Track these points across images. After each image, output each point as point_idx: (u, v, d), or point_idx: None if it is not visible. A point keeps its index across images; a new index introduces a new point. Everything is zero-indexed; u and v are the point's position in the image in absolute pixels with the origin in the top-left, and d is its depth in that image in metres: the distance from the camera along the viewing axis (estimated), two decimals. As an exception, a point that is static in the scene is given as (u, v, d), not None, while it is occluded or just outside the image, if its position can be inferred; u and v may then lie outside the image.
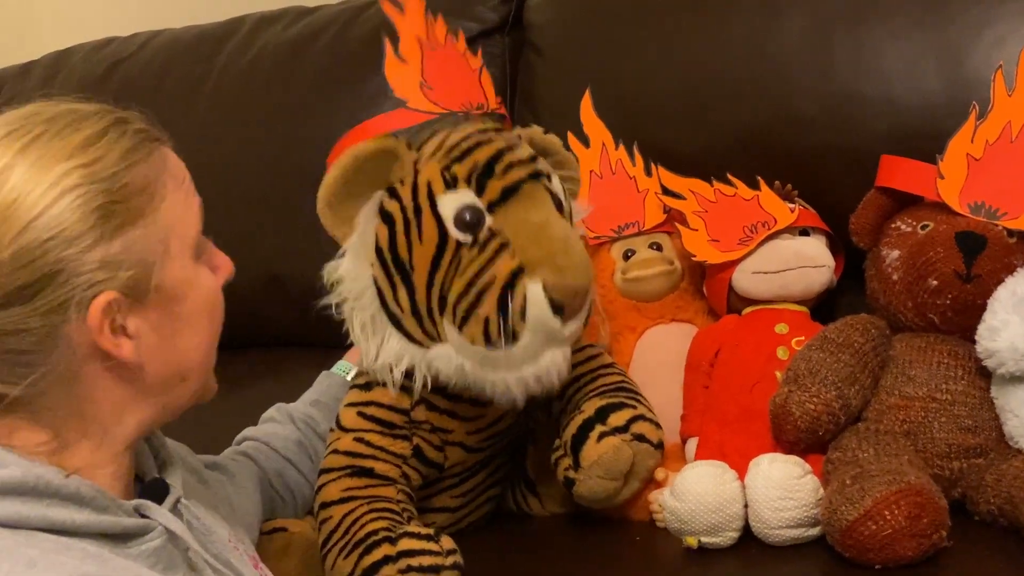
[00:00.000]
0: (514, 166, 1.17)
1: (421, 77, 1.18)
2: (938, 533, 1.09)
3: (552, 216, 1.17)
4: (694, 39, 1.52)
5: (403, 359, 1.21)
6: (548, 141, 1.28)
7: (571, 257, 1.14)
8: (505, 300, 1.13)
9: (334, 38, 1.79)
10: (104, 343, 0.90)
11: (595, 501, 1.26)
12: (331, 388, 1.38)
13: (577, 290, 1.14)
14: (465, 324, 1.15)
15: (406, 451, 1.26)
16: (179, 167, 0.97)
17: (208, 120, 1.84)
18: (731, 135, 1.49)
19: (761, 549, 1.18)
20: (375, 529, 1.17)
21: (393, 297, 1.19)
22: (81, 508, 0.88)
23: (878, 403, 1.24)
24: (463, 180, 1.16)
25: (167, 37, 1.99)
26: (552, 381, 1.18)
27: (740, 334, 1.36)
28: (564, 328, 1.15)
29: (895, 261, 1.28)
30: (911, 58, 1.39)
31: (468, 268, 1.15)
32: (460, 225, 1.15)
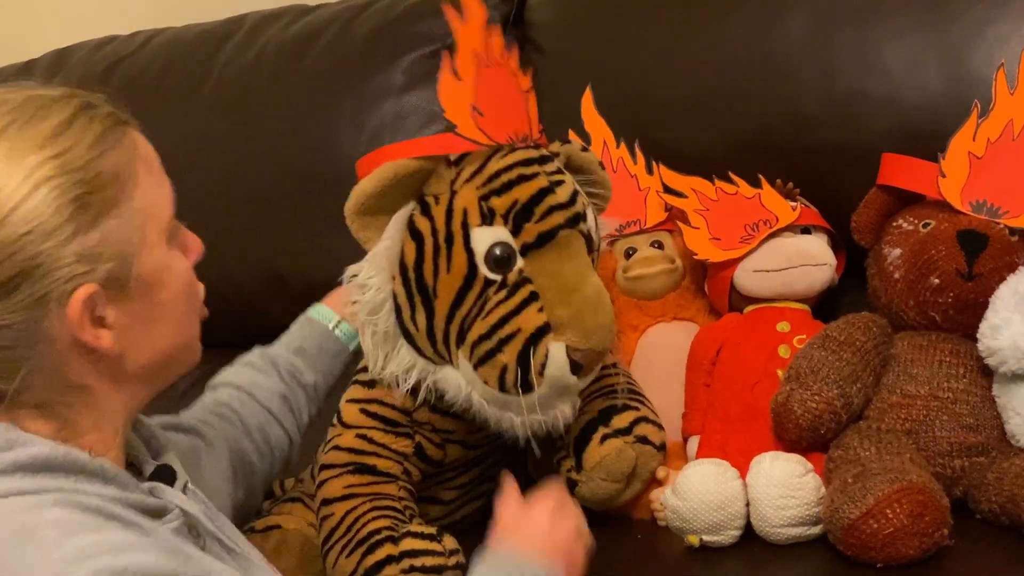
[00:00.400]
0: (554, 211, 1.14)
1: (474, 99, 1.14)
2: (940, 532, 1.09)
3: (586, 269, 1.15)
4: (696, 37, 1.52)
5: (412, 372, 1.20)
6: (585, 159, 1.25)
7: (599, 319, 1.12)
8: (527, 354, 1.12)
9: (335, 37, 1.78)
10: (84, 336, 0.89)
11: (597, 502, 1.26)
12: (314, 337, 1.34)
13: (601, 353, 1.14)
14: (482, 365, 1.14)
15: (408, 449, 1.26)
16: (149, 151, 0.96)
17: (209, 119, 1.83)
18: (733, 133, 1.48)
19: (763, 548, 1.18)
20: (378, 528, 1.17)
21: (411, 316, 1.18)
22: (107, 484, 0.89)
23: (880, 401, 1.24)
24: (500, 216, 1.14)
25: (168, 36, 1.98)
26: (558, 428, 1.18)
27: (742, 332, 1.36)
28: (579, 384, 1.15)
29: (897, 259, 1.28)
30: (913, 57, 1.39)
31: (493, 312, 1.13)
32: (491, 262, 1.13)
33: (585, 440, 1.24)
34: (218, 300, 1.37)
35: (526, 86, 1.22)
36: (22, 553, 0.80)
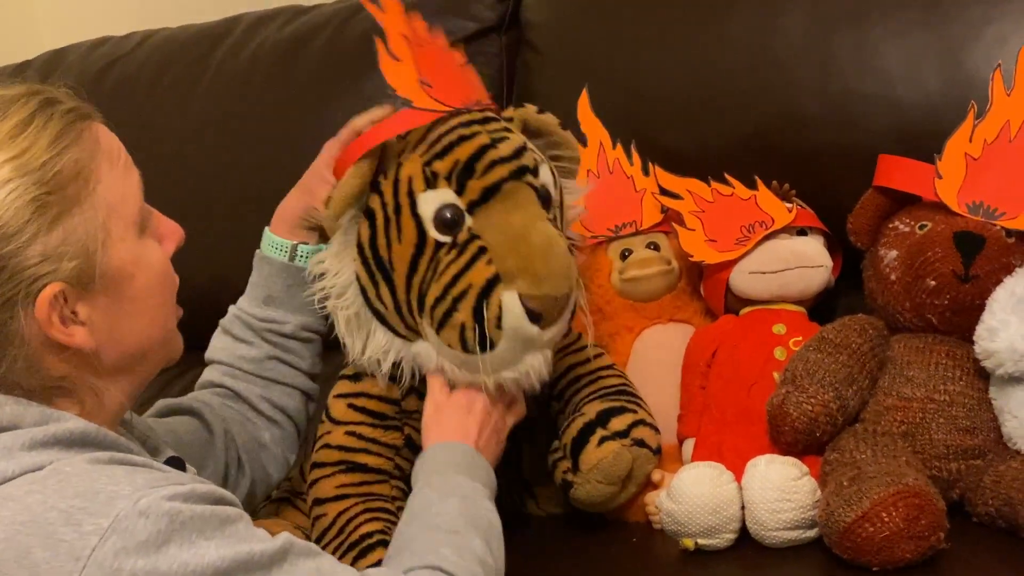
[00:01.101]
0: (496, 164, 1.15)
1: (419, 75, 1.16)
2: (936, 535, 1.08)
3: (534, 219, 1.14)
4: (693, 37, 1.52)
5: (389, 353, 1.20)
6: (542, 121, 1.26)
7: (550, 265, 1.12)
8: (481, 308, 1.12)
9: (330, 37, 1.78)
10: (55, 334, 0.90)
11: (592, 505, 1.25)
12: (275, 277, 1.29)
13: (556, 299, 1.13)
14: (442, 328, 1.14)
15: (398, 441, 1.25)
16: (112, 143, 0.96)
17: (204, 119, 1.83)
18: (730, 134, 1.48)
19: (758, 551, 1.18)
20: (370, 532, 1.17)
21: (376, 295, 1.19)
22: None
23: (876, 404, 1.24)
24: (443, 178, 1.15)
25: (163, 36, 1.98)
26: (532, 384, 1.18)
27: (738, 334, 1.35)
28: (543, 334, 1.14)
29: (893, 261, 1.28)
30: (911, 57, 1.39)
31: (445, 272, 1.14)
32: (439, 225, 1.14)
33: (582, 442, 1.23)
34: (210, 301, 1.38)
35: (461, 60, 1.24)
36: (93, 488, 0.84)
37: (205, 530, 0.85)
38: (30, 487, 0.85)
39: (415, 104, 1.15)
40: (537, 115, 1.26)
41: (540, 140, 1.25)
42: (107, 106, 1.81)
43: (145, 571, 0.82)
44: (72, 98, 0.95)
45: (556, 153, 1.26)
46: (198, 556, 0.84)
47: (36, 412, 0.91)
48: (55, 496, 0.84)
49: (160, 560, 0.83)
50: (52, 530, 0.82)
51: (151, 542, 0.83)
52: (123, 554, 0.82)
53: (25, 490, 0.85)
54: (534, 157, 1.18)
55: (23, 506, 0.84)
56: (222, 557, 0.85)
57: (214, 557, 0.85)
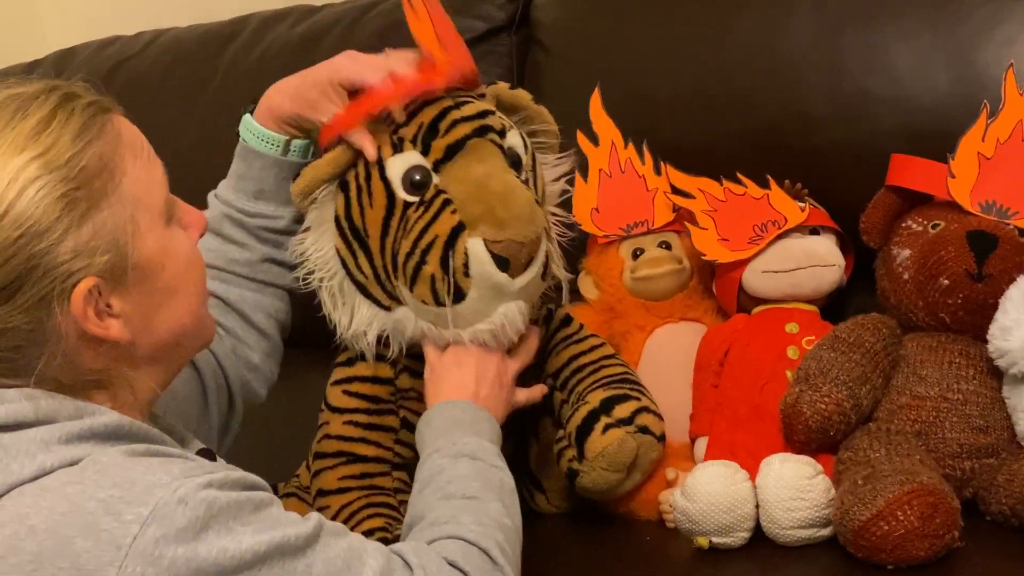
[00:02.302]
0: (459, 123, 1.18)
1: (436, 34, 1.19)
2: (951, 533, 1.09)
3: (496, 169, 1.16)
4: (704, 37, 1.52)
5: (373, 325, 1.22)
6: (515, 97, 1.28)
7: (512, 209, 1.14)
8: (447, 257, 1.14)
9: (339, 37, 1.78)
10: (92, 328, 0.91)
11: (598, 492, 1.26)
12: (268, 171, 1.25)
13: (521, 243, 1.14)
14: (415, 284, 1.16)
15: (395, 424, 1.26)
16: (134, 135, 0.96)
17: (212, 119, 1.82)
18: (741, 134, 1.48)
19: (772, 549, 1.18)
20: (372, 528, 1.18)
21: (355, 265, 1.21)
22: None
23: (889, 403, 1.24)
24: (408, 142, 1.17)
25: (172, 36, 1.99)
26: (508, 336, 1.19)
27: (750, 333, 1.35)
28: (513, 282, 1.15)
29: (906, 260, 1.28)
30: (921, 57, 1.39)
31: (414, 227, 1.16)
32: (407, 187, 1.17)
33: (587, 430, 1.24)
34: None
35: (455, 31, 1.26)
36: (130, 479, 0.85)
37: (241, 516, 0.87)
38: (68, 479, 0.86)
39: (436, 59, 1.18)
40: (509, 91, 1.28)
41: (515, 116, 1.27)
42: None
43: (185, 558, 0.83)
44: (90, 92, 0.95)
45: (533, 128, 1.28)
46: (236, 541, 0.86)
47: (71, 406, 0.91)
48: (94, 487, 0.85)
49: (200, 547, 0.84)
50: (93, 520, 0.83)
51: (190, 529, 0.84)
52: (163, 542, 0.83)
53: (63, 481, 0.86)
54: (501, 122, 1.21)
55: (62, 496, 0.85)
56: (259, 542, 0.87)
57: (251, 542, 0.86)
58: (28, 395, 0.91)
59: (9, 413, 0.89)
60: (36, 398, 0.91)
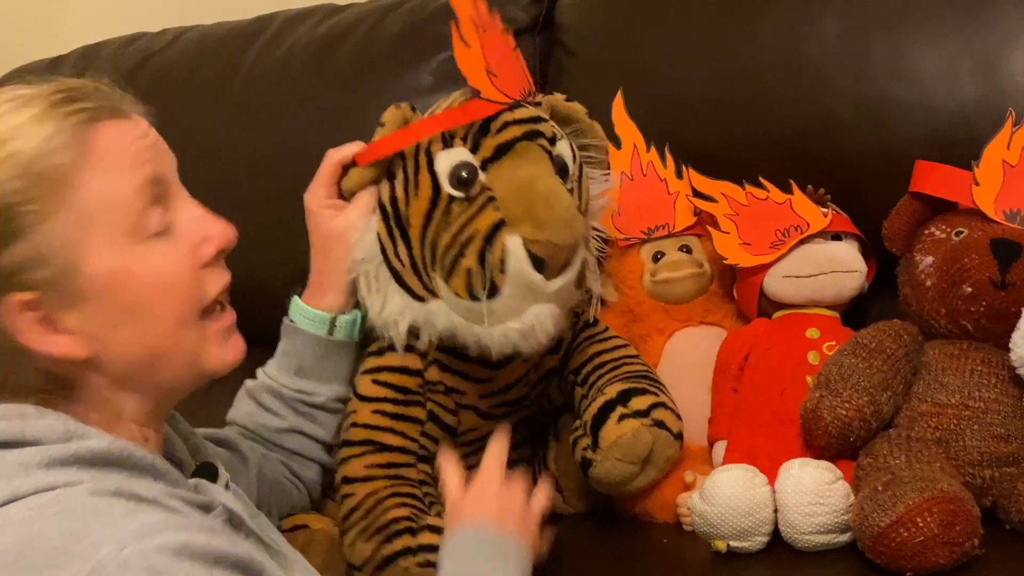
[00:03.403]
0: (510, 124, 1.19)
1: (486, 63, 1.19)
2: (970, 541, 1.09)
3: (542, 172, 1.17)
4: (728, 41, 1.52)
5: (405, 315, 1.22)
6: (570, 108, 1.28)
7: (553, 212, 1.14)
8: (485, 252, 1.14)
9: (363, 36, 1.78)
10: (32, 343, 0.88)
11: (611, 485, 1.25)
12: (309, 348, 1.26)
13: (558, 245, 1.14)
14: (451, 276, 1.16)
15: (421, 416, 1.26)
16: (115, 146, 0.91)
17: (236, 116, 1.84)
18: (763, 138, 1.48)
19: (790, 554, 1.18)
20: (397, 517, 1.18)
21: (394, 252, 1.21)
22: (157, 481, 0.90)
23: (910, 410, 1.24)
24: (459, 138, 1.18)
25: (196, 33, 1.99)
26: (537, 338, 1.18)
27: (771, 338, 1.35)
28: (548, 284, 1.15)
29: (928, 267, 1.28)
30: (947, 63, 1.38)
31: (455, 221, 1.16)
32: (454, 181, 1.17)
33: (603, 419, 1.24)
34: (242, 297, 1.38)
35: (512, 44, 1.26)
36: (86, 528, 0.80)
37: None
38: (30, 513, 0.82)
39: (484, 95, 1.19)
40: (565, 102, 1.29)
41: (568, 128, 1.27)
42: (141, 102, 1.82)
43: None
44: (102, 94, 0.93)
45: (583, 142, 1.28)
46: None
47: (61, 428, 0.88)
48: (48, 531, 0.81)
49: None
50: (37, 571, 0.79)
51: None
52: None
53: (25, 516, 0.82)
54: (553, 129, 1.22)
55: (16, 535, 0.81)
56: None
57: None
58: (19, 412, 0.89)
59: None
60: (27, 416, 0.88)
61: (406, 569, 1.15)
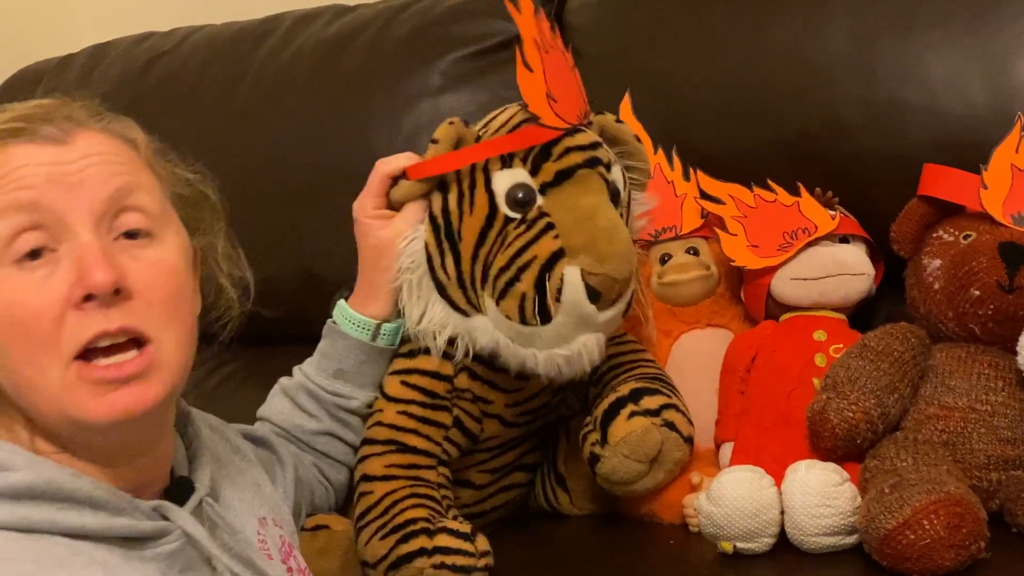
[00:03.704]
0: (571, 151, 1.19)
1: (547, 88, 1.19)
2: (977, 544, 1.08)
3: (602, 204, 1.18)
4: (736, 43, 1.52)
5: (447, 327, 1.22)
6: (619, 130, 1.28)
7: (613, 246, 1.15)
8: (543, 280, 1.14)
9: (373, 37, 1.78)
10: None
11: (618, 483, 1.25)
12: (351, 351, 1.26)
13: (616, 279, 1.15)
14: (503, 298, 1.16)
15: (447, 421, 1.26)
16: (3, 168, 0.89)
17: (245, 117, 1.84)
18: (772, 141, 1.48)
19: (797, 556, 1.18)
20: (414, 518, 1.18)
21: (441, 264, 1.21)
22: (96, 511, 0.87)
23: (917, 412, 1.24)
24: (519, 159, 1.18)
25: (206, 33, 1.99)
26: (582, 365, 1.19)
27: (778, 340, 1.35)
28: (599, 315, 1.16)
29: (936, 270, 1.28)
30: (956, 67, 1.39)
31: (513, 244, 1.17)
32: (511, 203, 1.18)
33: (613, 414, 1.24)
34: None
35: (571, 63, 1.26)
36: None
37: None
38: None
39: (542, 121, 1.19)
40: (615, 123, 1.29)
41: (615, 149, 1.27)
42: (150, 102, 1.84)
43: None
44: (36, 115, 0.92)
45: (629, 164, 1.28)
46: None
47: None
48: None
49: None
50: None
51: None
52: None
53: None
54: (608, 156, 1.22)
55: None
56: None
57: None
58: None
59: None
60: None
61: (421, 570, 1.15)
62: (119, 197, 0.91)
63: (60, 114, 0.93)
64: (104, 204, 0.90)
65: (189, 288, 0.97)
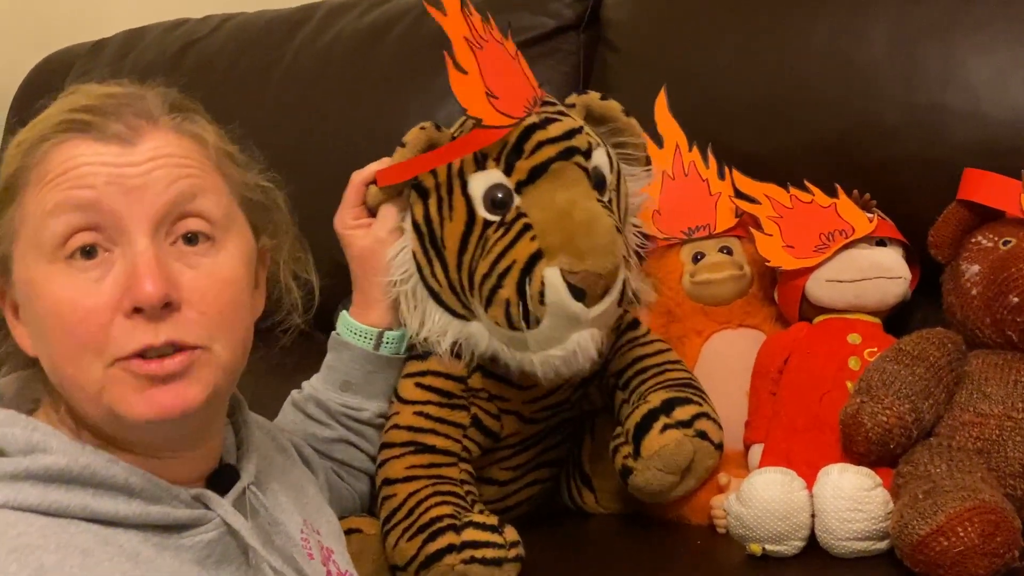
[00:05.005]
0: (544, 145, 1.16)
1: (485, 86, 1.16)
2: (1011, 553, 1.07)
3: (579, 196, 1.15)
4: (776, 42, 1.51)
5: (447, 332, 1.22)
6: (605, 107, 1.27)
7: (592, 240, 1.12)
8: (524, 284, 1.13)
9: (408, 28, 1.78)
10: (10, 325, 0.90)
11: (650, 494, 1.24)
12: (356, 362, 1.27)
13: (599, 274, 1.12)
14: (490, 306, 1.16)
15: (465, 420, 1.26)
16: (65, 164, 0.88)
17: (277, 106, 1.84)
18: (810, 141, 1.47)
19: (826, 560, 1.17)
20: (440, 515, 1.17)
21: (431, 272, 1.21)
22: (131, 499, 0.87)
23: (951, 419, 1.22)
24: (492, 159, 1.17)
25: (240, 21, 1.99)
26: (580, 364, 1.17)
27: (811, 342, 1.34)
28: (588, 312, 1.13)
29: (974, 276, 1.27)
30: (999, 71, 1.37)
31: (492, 249, 1.15)
32: (489, 205, 1.17)
33: (645, 428, 1.23)
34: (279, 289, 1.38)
35: (513, 50, 1.24)
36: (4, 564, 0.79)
37: None
38: None
39: (485, 122, 1.16)
40: (600, 101, 1.27)
41: (604, 127, 1.26)
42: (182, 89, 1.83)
43: None
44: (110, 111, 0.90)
45: (621, 140, 1.27)
46: None
47: (23, 440, 0.85)
48: None
49: None
50: None
51: None
52: None
53: None
54: (588, 140, 1.19)
55: None
56: None
57: None
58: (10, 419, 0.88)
59: None
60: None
61: (451, 567, 1.14)
62: (181, 202, 0.89)
63: (130, 109, 0.90)
64: (164, 209, 0.89)
65: (247, 296, 0.95)
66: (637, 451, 1.22)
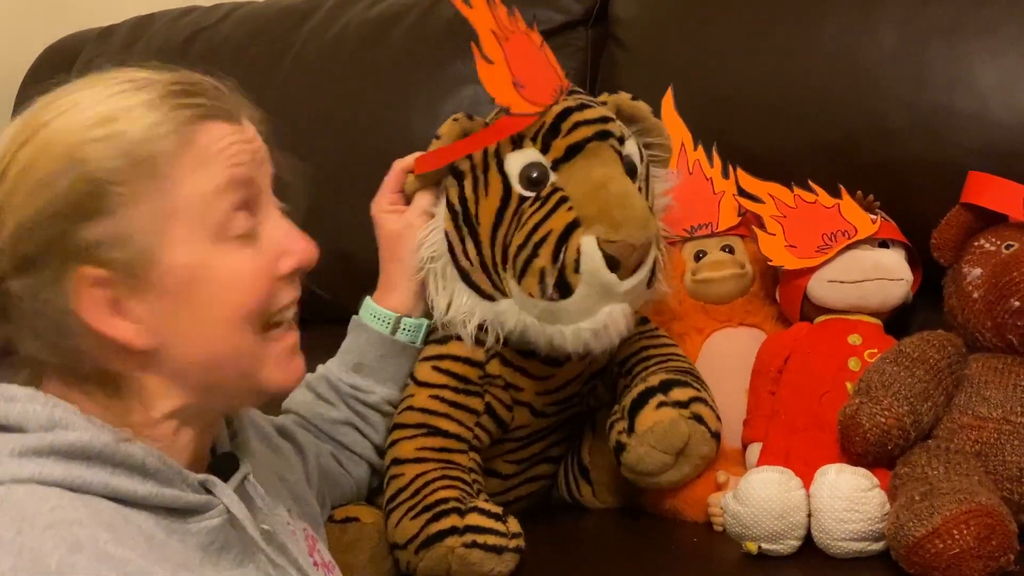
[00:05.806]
0: (580, 125, 1.19)
1: (512, 75, 1.19)
2: (1006, 556, 1.07)
3: (614, 173, 1.18)
4: (783, 41, 1.51)
5: (474, 314, 1.23)
6: (636, 108, 1.28)
7: (628, 212, 1.15)
8: (560, 252, 1.14)
9: (417, 20, 1.78)
10: (95, 322, 0.87)
11: (642, 474, 1.24)
12: (371, 345, 1.28)
13: (633, 245, 1.14)
14: (523, 276, 1.17)
15: (479, 407, 1.27)
16: (216, 146, 0.90)
17: (285, 95, 1.83)
18: (815, 141, 1.47)
19: (822, 560, 1.17)
20: (446, 497, 1.18)
21: (463, 251, 1.22)
22: (145, 480, 0.87)
23: (950, 422, 1.22)
24: (529, 138, 1.19)
25: (249, 10, 2.00)
26: (610, 337, 1.19)
27: (812, 342, 1.34)
28: (621, 284, 1.15)
29: (976, 279, 1.27)
30: (1007, 75, 1.37)
31: (528, 221, 1.17)
32: (525, 182, 1.19)
33: (641, 404, 1.23)
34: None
35: (539, 41, 1.25)
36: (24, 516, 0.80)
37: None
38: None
39: (512, 111, 1.19)
40: (631, 101, 1.29)
41: (633, 127, 1.27)
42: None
43: None
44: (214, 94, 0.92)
45: (648, 141, 1.29)
46: None
47: (45, 417, 0.85)
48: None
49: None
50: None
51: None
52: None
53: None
54: (621, 129, 1.22)
55: None
56: None
57: None
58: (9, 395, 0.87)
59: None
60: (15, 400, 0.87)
61: (451, 548, 1.15)
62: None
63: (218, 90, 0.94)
64: (270, 181, 0.95)
65: None
66: (631, 426, 1.23)
